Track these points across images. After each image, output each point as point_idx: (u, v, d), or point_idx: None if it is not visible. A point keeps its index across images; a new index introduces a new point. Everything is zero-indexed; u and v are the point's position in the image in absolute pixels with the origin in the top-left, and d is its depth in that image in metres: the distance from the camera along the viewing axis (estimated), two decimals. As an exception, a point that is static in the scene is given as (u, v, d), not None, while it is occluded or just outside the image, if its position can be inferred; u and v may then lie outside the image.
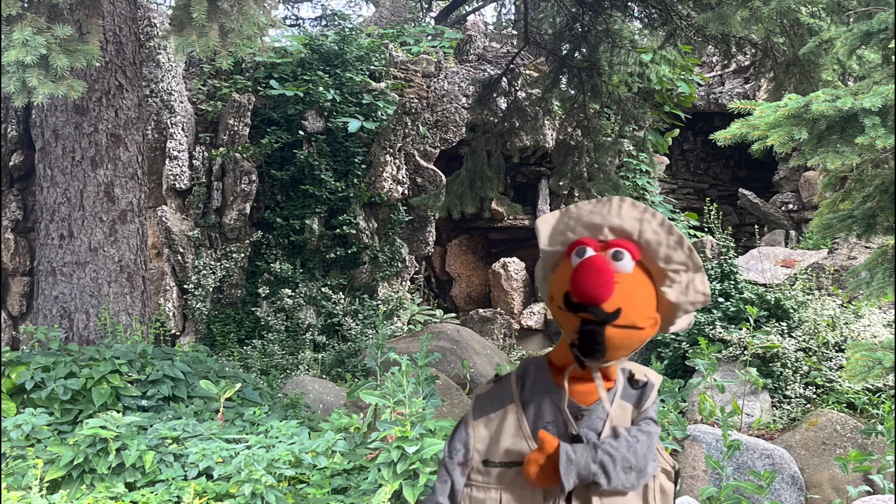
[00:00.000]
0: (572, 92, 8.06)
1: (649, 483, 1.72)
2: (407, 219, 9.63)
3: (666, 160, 12.52)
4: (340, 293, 9.13)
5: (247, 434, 4.69)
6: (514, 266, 10.51)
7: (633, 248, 1.59)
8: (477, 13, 17.48)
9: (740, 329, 6.15)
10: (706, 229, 10.65)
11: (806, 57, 6.00)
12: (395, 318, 9.19)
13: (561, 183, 8.39)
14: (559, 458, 1.60)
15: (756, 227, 11.63)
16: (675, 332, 6.67)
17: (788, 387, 5.87)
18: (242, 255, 8.91)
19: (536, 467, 1.63)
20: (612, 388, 1.70)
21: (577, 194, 9.14)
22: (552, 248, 1.66)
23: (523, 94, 8.68)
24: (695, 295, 1.63)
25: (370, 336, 8.59)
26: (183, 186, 8.73)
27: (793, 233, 11.68)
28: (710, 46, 7.90)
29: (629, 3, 7.82)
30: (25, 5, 4.73)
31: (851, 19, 5.23)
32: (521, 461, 1.67)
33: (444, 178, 9.41)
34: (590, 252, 1.57)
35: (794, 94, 3.33)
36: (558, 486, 1.62)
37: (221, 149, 8.86)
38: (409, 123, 9.31)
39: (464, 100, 10.04)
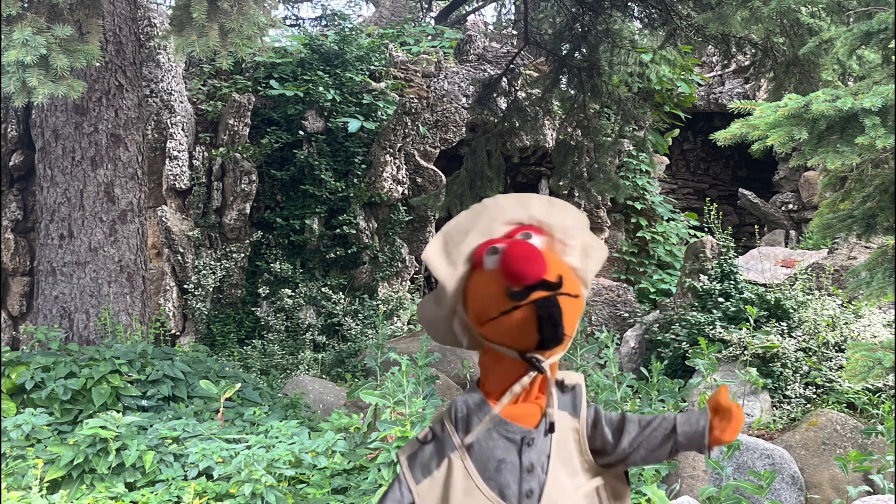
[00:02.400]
0: (572, 92, 8.06)
1: (599, 487, 1.62)
2: (407, 219, 9.63)
3: (666, 160, 12.52)
4: (340, 293, 9.12)
5: (247, 434, 4.69)
6: (514, 266, 10.48)
7: (534, 229, 1.57)
8: (477, 13, 17.47)
9: (740, 329, 6.15)
10: (706, 229, 10.64)
11: (806, 57, 6.00)
12: (395, 318, 9.19)
13: (561, 183, 8.39)
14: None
15: (756, 227, 11.63)
16: (674, 333, 6.64)
17: (788, 387, 5.87)
18: (242, 255, 8.91)
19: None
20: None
21: (576, 194, 9.15)
22: (455, 271, 1.57)
23: (523, 94, 8.68)
24: (595, 253, 1.61)
25: (370, 336, 8.58)
26: (183, 186, 8.73)
27: (793, 233, 11.68)
28: (710, 46, 7.91)
29: (629, 3, 7.82)
30: (25, 5, 4.73)
31: (851, 19, 5.23)
32: None
33: (444, 178, 9.40)
34: (501, 246, 1.53)
35: (794, 94, 3.33)
36: None
37: (221, 149, 8.86)
38: (409, 123, 9.30)
39: (464, 100, 10.04)
